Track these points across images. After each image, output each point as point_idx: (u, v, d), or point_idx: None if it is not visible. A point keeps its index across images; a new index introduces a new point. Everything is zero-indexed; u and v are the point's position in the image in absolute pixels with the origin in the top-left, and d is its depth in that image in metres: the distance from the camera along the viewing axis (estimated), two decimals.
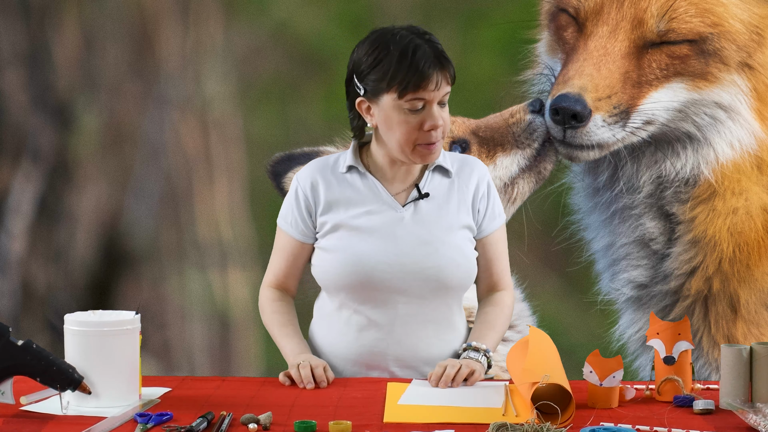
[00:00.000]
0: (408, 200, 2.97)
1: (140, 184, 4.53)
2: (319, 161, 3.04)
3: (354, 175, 2.99)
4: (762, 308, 3.80)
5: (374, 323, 2.96)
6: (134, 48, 4.51)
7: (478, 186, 3.01)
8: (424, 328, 2.97)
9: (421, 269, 2.93)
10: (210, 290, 4.54)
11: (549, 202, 3.97)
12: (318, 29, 4.44)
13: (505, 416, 2.56)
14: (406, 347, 2.96)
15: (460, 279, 2.96)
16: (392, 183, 2.98)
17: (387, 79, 2.85)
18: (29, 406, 2.66)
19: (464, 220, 2.98)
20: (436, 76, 2.85)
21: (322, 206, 2.98)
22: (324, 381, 2.85)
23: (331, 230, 2.97)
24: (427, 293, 2.95)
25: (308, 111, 4.45)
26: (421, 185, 2.98)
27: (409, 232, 2.95)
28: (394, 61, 2.85)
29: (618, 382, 2.68)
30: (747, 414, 2.51)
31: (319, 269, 2.99)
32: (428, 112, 2.87)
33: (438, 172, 3.00)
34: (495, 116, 3.94)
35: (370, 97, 2.90)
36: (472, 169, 3.03)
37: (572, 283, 4.14)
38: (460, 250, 2.96)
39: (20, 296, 4.52)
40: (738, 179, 3.78)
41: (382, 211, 2.96)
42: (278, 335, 3.01)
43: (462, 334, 3.02)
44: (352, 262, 2.93)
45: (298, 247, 3.02)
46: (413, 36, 2.88)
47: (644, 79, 3.72)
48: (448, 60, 2.88)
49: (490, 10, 4.32)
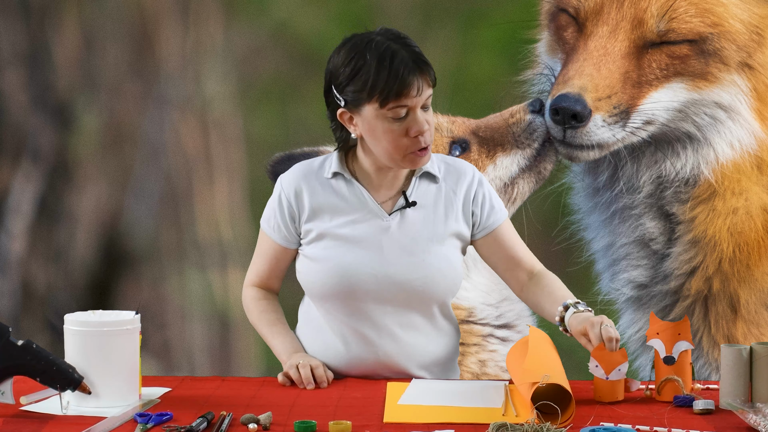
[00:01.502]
0: (395, 208, 2.93)
1: (140, 184, 4.53)
2: (303, 165, 2.98)
3: (339, 182, 2.94)
4: (762, 308, 3.80)
5: (361, 335, 2.93)
6: (134, 48, 4.51)
7: (468, 191, 2.95)
8: (411, 336, 2.94)
9: (406, 280, 2.89)
10: (210, 290, 4.54)
11: (549, 202, 3.97)
12: (318, 29, 4.44)
13: (505, 416, 2.56)
14: (395, 355, 2.93)
15: (446, 289, 2.93)
16: (378, 190, 2.93)
17: (367, 89, 2.79)
18: (29, 406, 2.66)
19: (453, 228, 2.94)
20: (417, 81, 2.79)
21: (306, 213, 2.93)
22: (324, 381, 2.84)
23: (316, 239, 2.93)
24: (413, 303, 2.92)
25: (308, 111, 4.44)
26: (408, 192, 2.93)
27: (395, 242, 2.90)
28: (373, 70, 2.78)
29: (623, 374, 2.69)
30: (747, 414, 2.51)
31: (305, 277, 2.96)
32: (412, 119, 2.81)
33: (425, 179, 2.95)
34: (495, 116, 3.94)
35: (351, 108, 2.84)
36: (460, 174, 2.97)
37: (572, 283, 4.12)
38: (447, 260, 2.92)
39: (20, 296, 4.52)
40: (738, 179, 3.78)
41: (367, 219, 2.91)
42: (268, 334, 2.99)
43: (449, 336, 2.99)
44: (338, 273, 2.89)
45: (280, 251, 2.99)
46: (389, 42, 2.81)
47: (644, 79, 3.72)
48: (427, 63, 2.82)
49: (490, 10, 4.32)
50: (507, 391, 2.73)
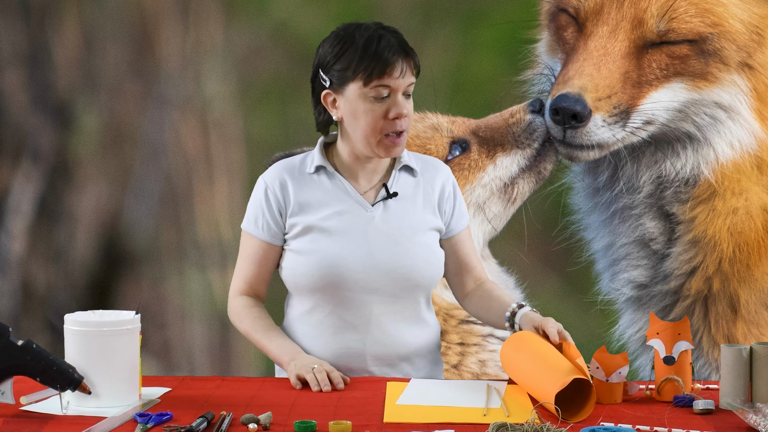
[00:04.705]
0: (377, 199, 2.99)
1: (140, 184, 4.53)
2: (284, 163, 3.04)
3: (322, 176, 3.00)
4: (762, 308, 3.80)
5: (350, 324, 2.97)
6: (134, 48, 4.51)
7: (443, 187, 3.04)
8: (398, 326, 2.99)
9: (393, 268, 2.95)
10: (210, 290, 4.54)
11: (549, 202, 3.97)
12: (318, 29, 4.44)
13: (508, 417, 2.57)
14: (382, 345, 2.98)
15: (431, 276, 3.00)
16: (359, 182, 3.00)
17: (352, 67, 2.89)
18: (29, 406, 2.66)
19: (430, 221, 3.01)
20: (401, 63, 2.89)
21: (292, 207, 2.99)
22: (341, 383, 2.84)
23: (301, 233, 2.97)
24: (399, 291, 2.97)
25: (308, 111, 4.43)
26: (388, 184, 3.00)
27: (380, 231, 2.97)
28: (359, 49, 2.90)
29: (623, 377, 2.69)
30: (747, 414, 2.51)
31: (291, 272, 2.99)
32: (393, 101, 2.90)
33: (404, 171, 3.03)
34: (495, 116, 3.94)
35: (336, 87, 2.94)
36: (437, 170, 3.06)
37: (572, 283, 4.14)
38: (429, 249, 2.99)
39: (20, 296, 4.52)
40: (738, 179, 3.78)
41: (351, 210, 2.98)
42: (264, 339, 2.99)
43: (433, 327, 3.05)
44: (325, 264, 2.94)
45: (268, 250, 3.02)
46: (378, 28, 2.93)
47: (644, 79, 3.72)
48: (412, 50, 2.93)
49: (490, 10, 4.32)
50: (490, 390, 2.73)
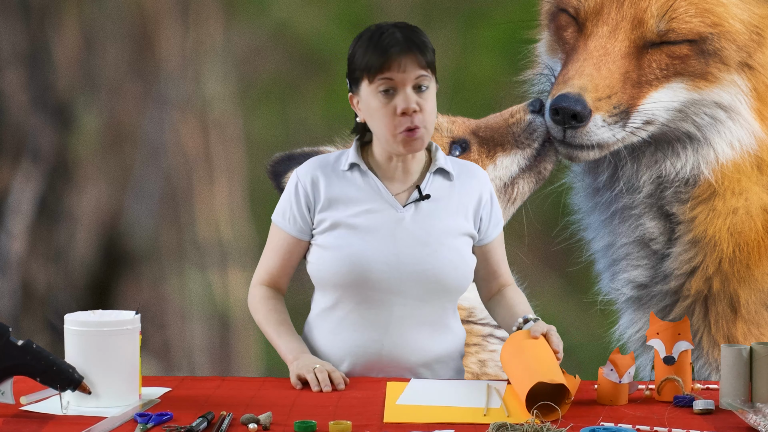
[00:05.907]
0: (409, 200, 2.96)
1: (140, 184, 4.53)
2: (319, 158, 3.03)
3: (355, 173, 2.98)
4: (762, 308, 3.80)
5: (370, 323, 2.95)
6: (134, 48, 4.51)
7: (481, 195, 3.00)
8: (420, 330, 2.95)
9: (419, 271, 2.92)
10: (210, 290, 4.54)
11: (549, 202, 3.97)
12: (318, 29, 4.44)
13: (508, 417, 2.57)
14: (401, 348, 2.95)
15: (457, 282, 2.95)
16: (393, 182, 2.97)
17: (359, 65, 2.89)
18: (29, 406, 2.66)
19: (463, 226, 2.97)
20: (401, 57, 2.86)
21: (321, 203, 2.97)
22: (341, 384, 2.84)
23: (329, 228, 2.96)
24: (423, 295, 2.94)
25: (308, 111, 4.45)
26: (422, 186, 2.97)
27: (409, 232, 2.94)
28: (364, 47, 2.89)
29: (632, 377, 2.69)
30: (747, 414, 2.51)
31: (316, 266, 2.98)
32: (399, 96, 2.87)
33: (439, 175, 2.99)
34: (495, 116, 3.94)
35: (354, 89, 2.93)
36: (474, 176, 3.01)
37: (572, 283, 4.14)
38: (458, 253, 2.95)
39: (20, 296, 4.52)
40: (738, 179, 3.78)
41: (382, 210, 2.95)
42: (274, 334, 2.99)
43: (458, 336, 3.01)
44: (350, 261, 2.92)
45: (293, 244, 3.01)
46: (391, 26, 2.90)
47: (644, 79, 3.72)
48: (419, 45, 2.87)
49: (490, 10, 4.32)
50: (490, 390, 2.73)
